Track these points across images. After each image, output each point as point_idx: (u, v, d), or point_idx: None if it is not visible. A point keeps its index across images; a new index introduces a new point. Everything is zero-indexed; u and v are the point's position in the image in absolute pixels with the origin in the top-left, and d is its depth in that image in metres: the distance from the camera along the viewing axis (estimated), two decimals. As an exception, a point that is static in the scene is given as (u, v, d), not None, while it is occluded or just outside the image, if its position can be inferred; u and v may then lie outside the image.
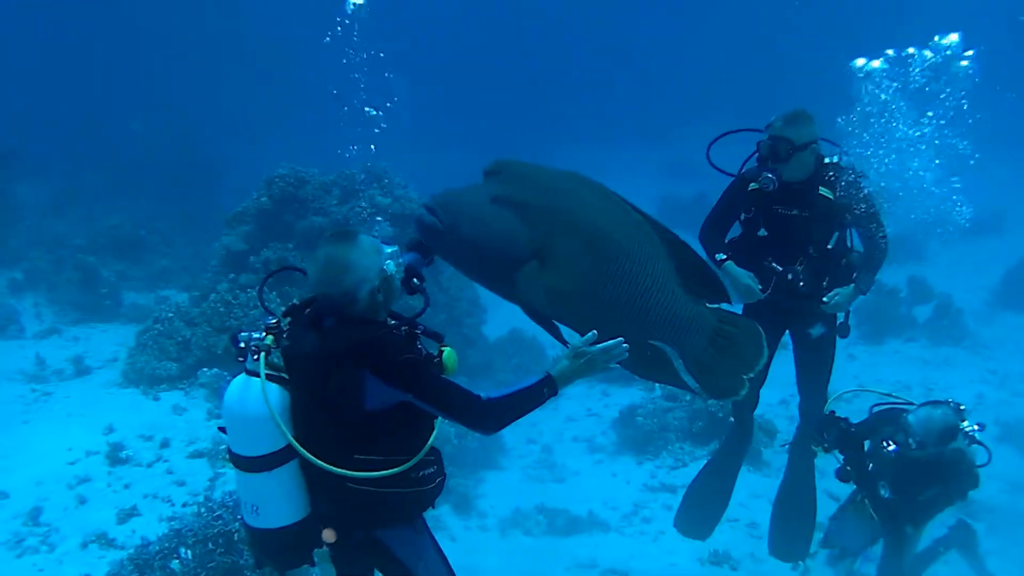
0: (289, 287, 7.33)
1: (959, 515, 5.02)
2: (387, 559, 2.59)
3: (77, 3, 25.87)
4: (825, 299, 4.05)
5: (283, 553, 2.57)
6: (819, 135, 3.93)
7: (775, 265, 4.03)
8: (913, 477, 4.23)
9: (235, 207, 8.93)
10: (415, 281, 2.85)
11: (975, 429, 4.17)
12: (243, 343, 2.48)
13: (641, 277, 3.10)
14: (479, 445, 6.59)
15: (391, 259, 2.56)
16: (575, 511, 6.12)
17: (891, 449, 4.17)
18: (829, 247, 4.08)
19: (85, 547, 5.07)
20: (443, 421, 2.59)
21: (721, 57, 29.58)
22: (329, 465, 2.40)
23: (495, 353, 8.62)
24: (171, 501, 5.56)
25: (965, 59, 3.90)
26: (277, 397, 2.43)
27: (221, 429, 2.56)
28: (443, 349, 2.61)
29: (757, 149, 3.95)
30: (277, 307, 6.97)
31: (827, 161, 4.00)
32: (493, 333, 8.92)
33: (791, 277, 4.00)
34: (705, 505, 4.95)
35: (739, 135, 4.00)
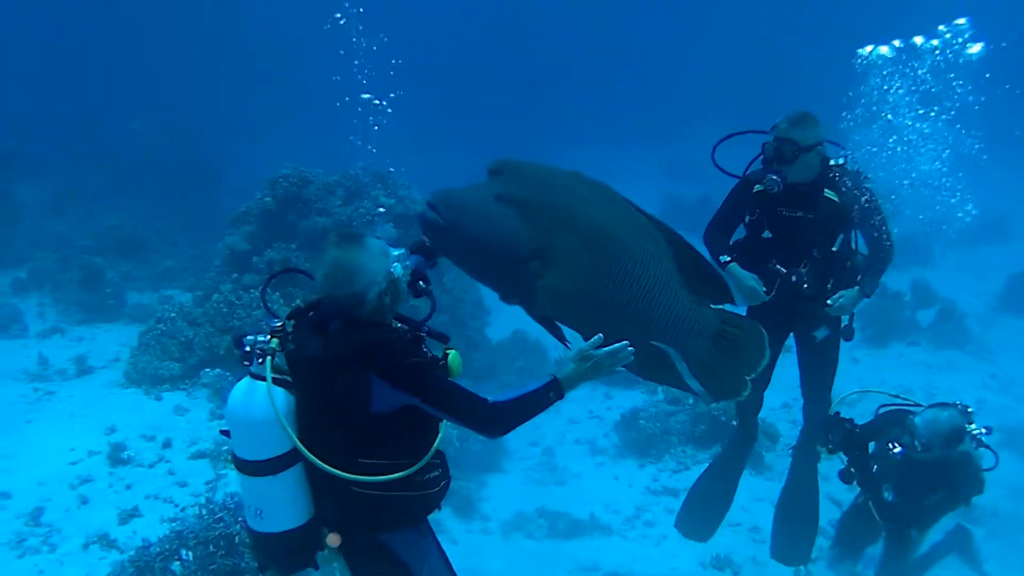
0: (292, 288, 7.33)
1: (958, 519, 4.98)
2: (391, 562, 2.58)
3: (77, 3, 25.90)
4: (829, 301, 4.03)
5: (287, 557, 2.56)
6: (824, 137, 3.91)
7: (779, 267, 4.01)
8: (918, 480, 4.19)
9: (238, 207, 8.94)
10: (421, 284, 2.83)
11: (982, 432, 4.11)
12: (248, 347, 2.47)
13: (643, 278, 3.09)
14: (482, 448, 6.58)
15: (398, 262, 2.55)
16: (577, 514, 6.12)
17: (897, 451, 4.13)
18: (834, 249, 4.06)
19: (86, 548, 5.07)
20: (447, 424, 2.58)
21: (723, 57, 29.58)
22: (335, 469, 2.39)
23: (499, 355, 8.60)
24: (173, 502, 5.55)
25: (974, 46, 3.85)
26: (283, 401, 2.42)
27: (224, 432, 2.55)
28: (448, 352, 2.60)
29: (762, 151, 3.93)
30: (280, 308, 7.04)
31: (832, 163, 3.98)
32: (497, 335, 8.91)
33: (795, 279, 3.98)
34: (707, 507, 4.94)
35: (743, 136, 3.99)
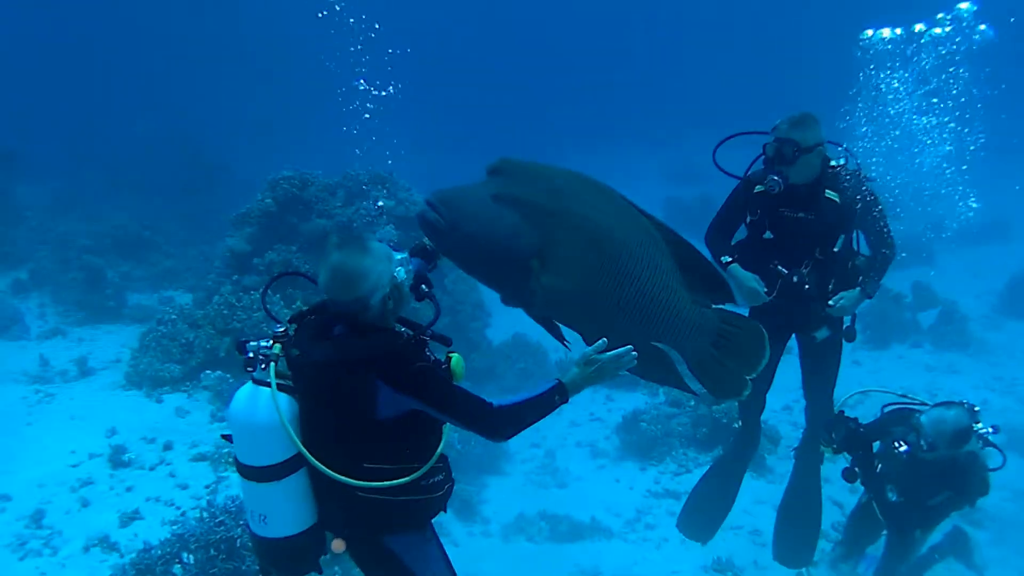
0: (293, 289, 7.33)
1: (955, 522, 4.93)
2: (395, 566, 2.58)
3: (78, 5, 25.92)
4: (831, 302, 4.02)
5: (291, 562, 2.55)
6: (825, 138, 3.90)
7: (781, 268, 3.99)
8: (924, 480, 4.13)
9: (238, 208, 8.94)
10: (423, 287, 2.82)
11: (989, 431, 4.08)
12: (251, 352, 2.45)
13: (644, 278, 3.08)
14: (483, 450, 6.57)
15: (401, 266, 2.54)
16: (578, 517, 6.11)
17: (903, 450, 4.07)
18: (835, 250, 4.04)
19: (87, 550, 5.06)
20: (449, 427, 2.58)
21: (725, 59, 29.58)
22: (340, 475, 2.38)
23: (499, 357, 8.59)
24: (174, 504, 5.54)
25: (978, 33, 3.80)
26: (286, 406, 2.41)
27: (226, 437, 2.54)
28: (451, 356, 2.58)
29: (763, 152, 3.92)
30: (281, 310, 7.03)
31: (833, 164, 3.97)
32: (497, 337, 8.90)
33: (796, 280, 3.97)
34: (709, 508, 4.94)
35: (745, 137, 3.98)
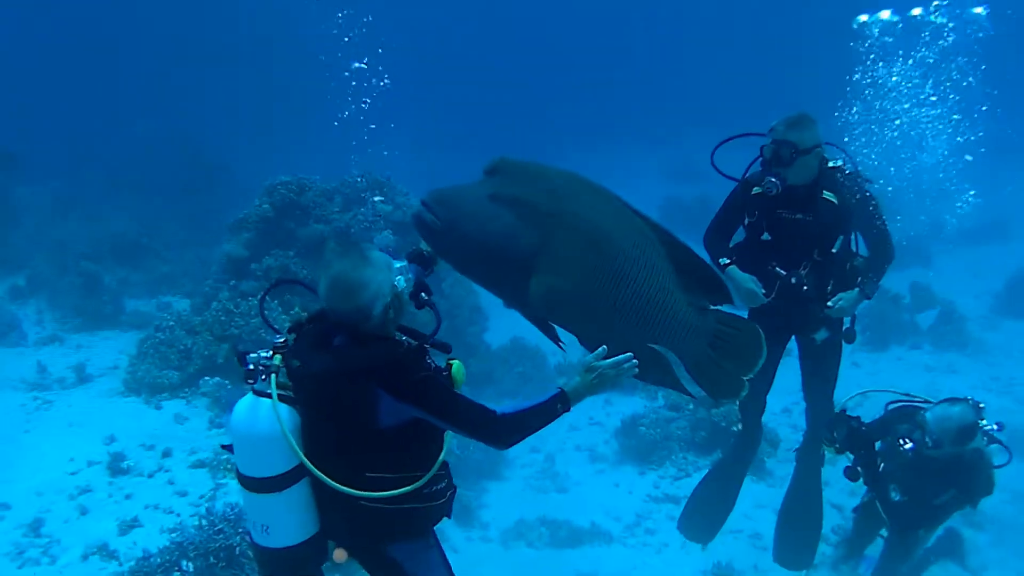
0: (290, 296, 7.32)
1: (951, 523, 4.92)
2: (397, 574, 2.58)
3: (79, 6, 25.91)
4: (829, 303, 4.02)
5: (293, 571, 2.55)
6: (823, 138, 3.90)
7: (779, 269, 3.99)
8: (929, 479, 4.09)
9: (237, 212, 8.93)
10: (423, 295, 2.80)
11: (994, 428, 4.05)
12: (251, 364, 2.45)
13: (640, 279, 3.08)
14: (482, 455, 6.56)
15: (401, 274, 2.54)
16: (578, 522, 6.09)
17: (908, 447, 4.04)
18: (833, 251, 4.04)
19: (86, 559, 5.05)
20: (449, 434, 2.57)
21: (725, 57, 29.59)
22: (342, 485, 2.38)
23: (497, 362, 8.57)
24: (173, 512, 5.53)
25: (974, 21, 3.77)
26: (287, 417, 2.41)
27: (227, 447, 2.53)
28: (451, 362, 2.59)
29: (760, 153, 3.93)
30: (279, 316, 7.03)
31: (831, 165, 3.97)
32: (495, 341, 8.88)
33: (795, 281, 3.97)
34: (709, 510, 4.95)
35: (744, 138, 3.99)
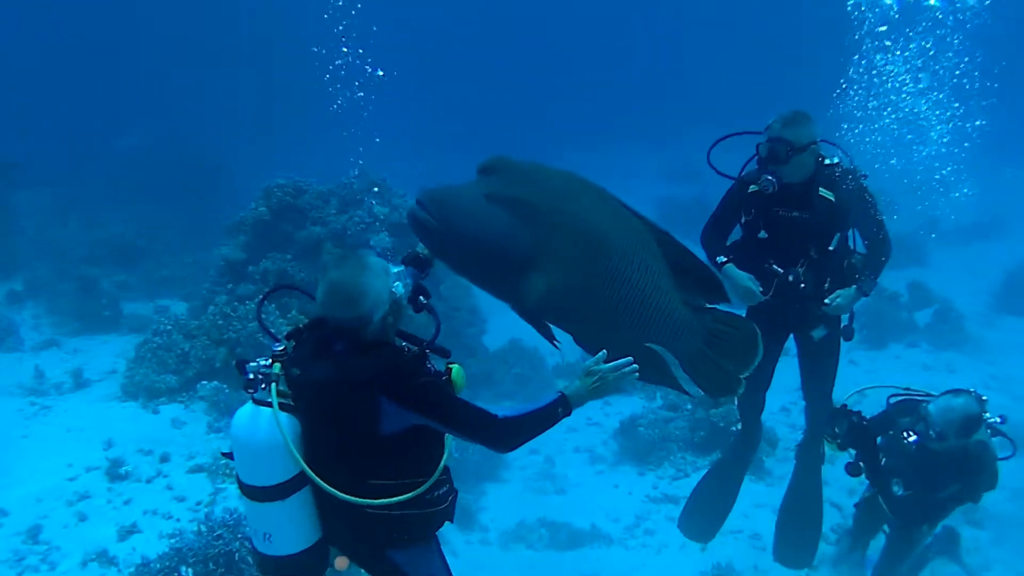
0: (288, 299, 7.31)
1: (948, 521, 4.91)
2: None
3: (79, 7, 25.86)
4: (827, 301, 4.01)
5: None
6: (818, 136, 3.90)
7: (776, 267, 3.99)
8: (933, 472, 4.07)
9: (234, 215, 8.92)
10: (421, 299, 2.81)
11: (997, 421, 4.05)
12: (251, 374, 2.45)
13: (635, 277, 3.08)
14: (481, 458, 6.54)
15: (399, 280, 2.54)
16: (577, 524, 6.09)
17: (912, 440, 4.03)
18: (830, 248, 4.03)
19: (85, 565, 5.03)
20: (450, 438, 2.58)
21: (725, 56, 29.59)
22: (344, 493, 2.38)
23: (496, 363, 8.56)
24: (172, 517, 5.52)
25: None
26: (288, 426, 2.40)
27: (227, 455, 2.53)
28: (451, 367, 2.59)
29: (756, 151, 3.93)
30: (276, 319, 7.02)
31: (827, 162, 3.97)
32: (493, 343, 8.88)
33: (792, 279, 3.97)
34: (709, 508, 4.95)
35: (742, 137, 3.99)
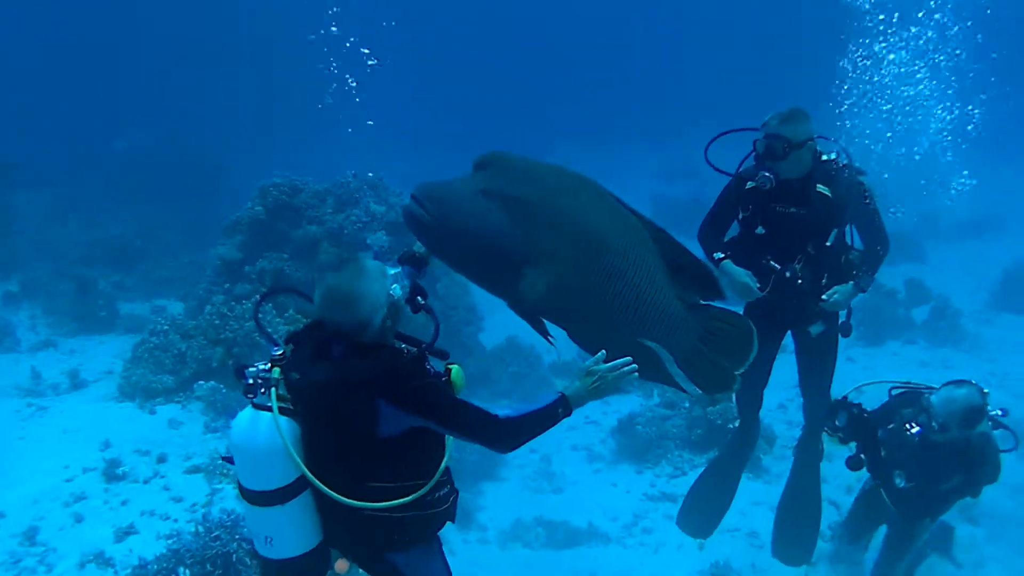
0: (284, 298, 7.30)
1: (944, 517, 4.89)
2: None
3: (78, 7, 25.81)
4: (824, 296, 4.01)
5: None
6: (815, 132, 3.90)
7: (773, 263, 4.00)
8: (935, 464, 4.06)
9: (231, 215, 8.91)
10: (419, 299, 2.80)
11: (999, 413, 4.05)
12: (251, 379, 2.44)
13: (631, 274, 3.07)
14: (479, 457, 6.53)
15: (396, 282, 2.53)
16: (575, 522, 6.10)
17: (914, 431, 4.01)
18: (828, 244, 4.03)
19: (83, 567, 5.01)
20: (451, 439, 2.57)
21: (724, 55, 29.60)
22: (346, 497, 2.38)
23: (493, 361, 8.57)
24: (169, 518, 5.51)
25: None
26: (288, 430, 2.40)
27: (227, 459, 2.53)
28: (450, 367, 2.58)
29: (753, 148, 3.92)
30: (273, 318, 7.01)
31: (825, 158, 3.97)
32: (490, 341, 8.88)
33: (789, 275, 3.98)
34: (707, 505, 4.96)
35: (739, 133, 3.99)
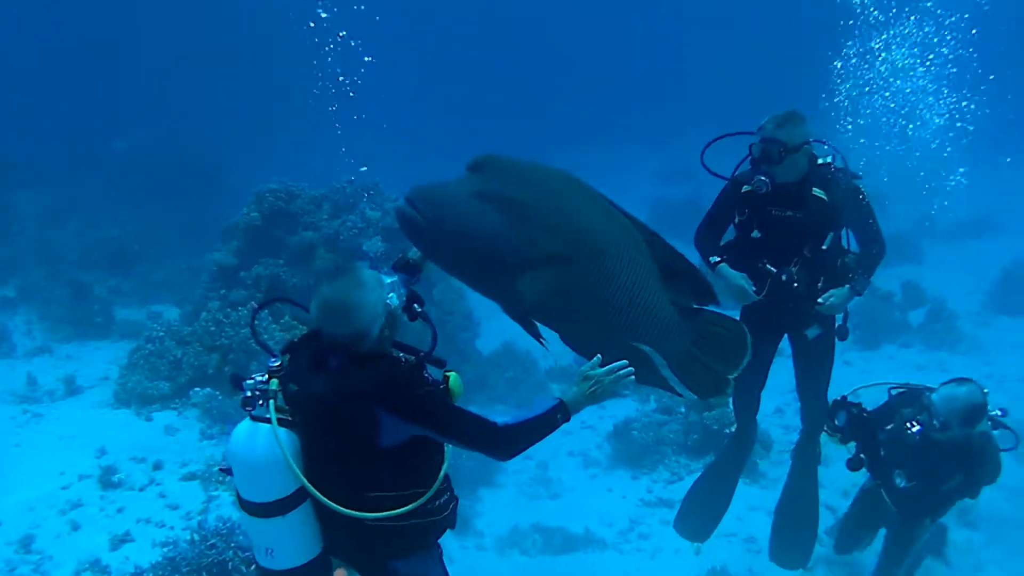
0: (280, 304, 7.28)
1: (941, 519, 4.89)
2: None
3: (78, 7, 25.79)
4: (820, 300, 4.01)
5: None
6: (811, 136, 3.91)
7: (770, 267, 3.99)
8: (936, 463, 4.05)
9: (227, 219, 8.92)
10: (416, 307, 2.79)
11: (999, 413, 4.05)
12: (249, 391, 2.43)
13: (624, 276, 3.07)
14: (475, 463, 6.51)
15: (393, 291, 2.53)
16: (571, 528, 6.09)
17: (915, 430, 4.00)
18: (824, 248, 4.04)
19: (78, 575, 5.00)
20: (451, 447, 2.57)
21: (724, 56, 29.62)
22: (346, 508, 2.37)
23: (489, 367, 8.56)
24: (165, 526, 5.49)
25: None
26: (287, 441, 2.39)
27: (225, 471, 2.51)
28: (448, 375, 2.57)
29: (749, 152, 3.93)
30: (268, 324, 7.00)
31: (820, 161, 3.97)
32: (486, 347, 8.88)
33: (785, 278, 3.97)
34: (704, 509, 4.95)
35: (737, 137, 3.99)
